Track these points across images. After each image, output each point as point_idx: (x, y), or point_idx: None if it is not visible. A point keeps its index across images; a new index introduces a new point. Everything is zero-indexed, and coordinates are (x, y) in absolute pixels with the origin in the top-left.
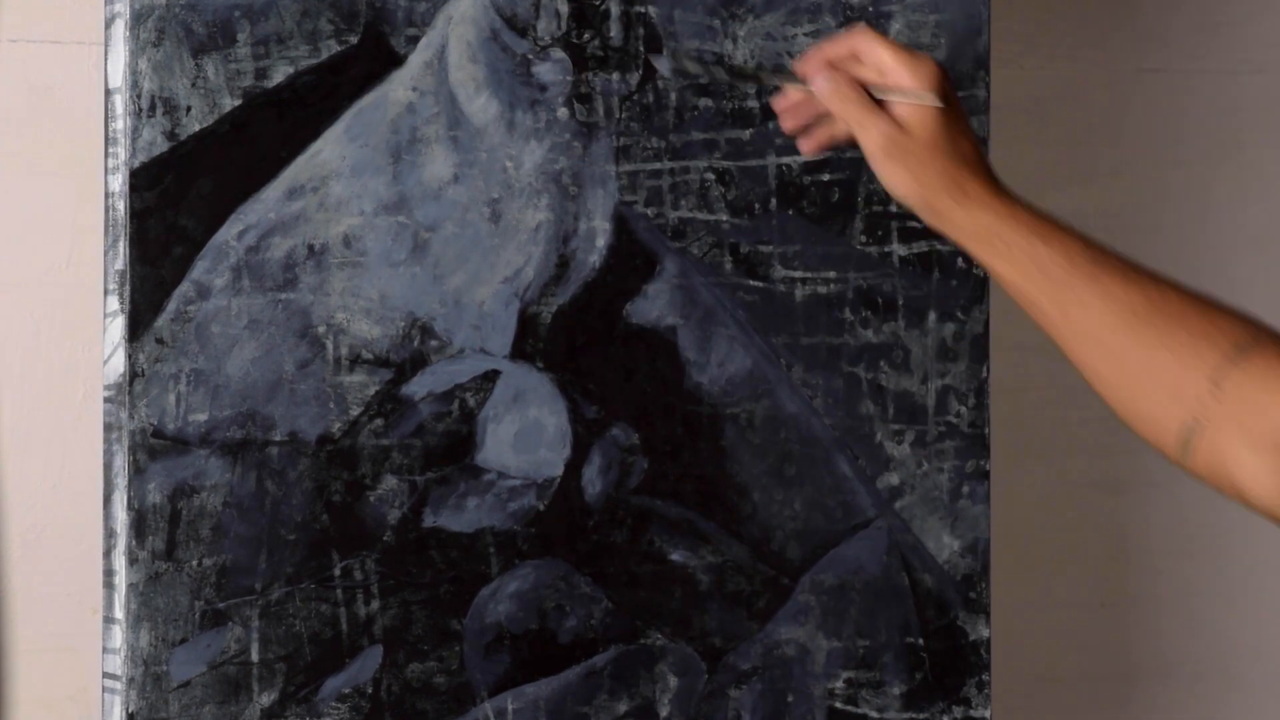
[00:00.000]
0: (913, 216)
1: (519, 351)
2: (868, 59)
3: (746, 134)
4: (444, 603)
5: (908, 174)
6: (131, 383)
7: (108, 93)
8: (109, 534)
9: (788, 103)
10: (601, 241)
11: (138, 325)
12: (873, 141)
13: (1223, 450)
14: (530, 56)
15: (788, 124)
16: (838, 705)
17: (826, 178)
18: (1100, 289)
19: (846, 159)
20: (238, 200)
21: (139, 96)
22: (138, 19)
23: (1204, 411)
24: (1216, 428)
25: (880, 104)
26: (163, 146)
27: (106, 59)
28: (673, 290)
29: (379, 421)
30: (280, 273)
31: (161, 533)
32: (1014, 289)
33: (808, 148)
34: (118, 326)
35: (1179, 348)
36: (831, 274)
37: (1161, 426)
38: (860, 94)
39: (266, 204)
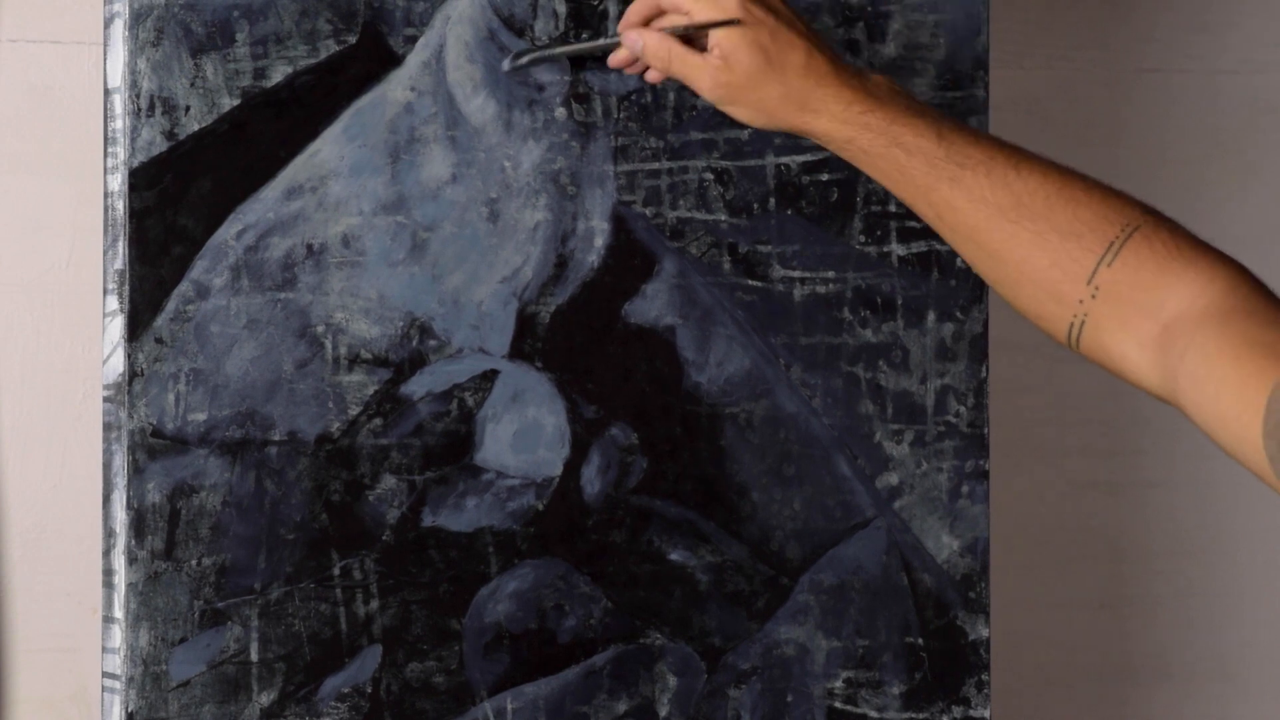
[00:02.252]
0: (912, 216)
1: (518, 351)
2: (669, 5)
3: (745, 134)
4: (443, 602)
5: (748, 108)
6: (131, 382)
7: (107, 92)
8: (108, 533)
9: (619, 60)
10: (600, 241)
11: (137, 325)
12: (704, 90)
13: (1107, 346)
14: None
15: (631, 70)
16: (837, 705)
17: (825, 177)
18: (964, 191)
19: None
20: (236, 200)
21: (138, 96)
22: (137, 19)
23: (1085, 310)
24: (1097, 325)
25: (701, 46)
26: (162, 146)
27: (105, 59)
28: (671, 290)
29: (378, 421)
30: (279, 272)
31: (161, 532)
32: (893, 192)
33: (652, 78)
34: (117, 326)
35: (1052, 250)
36: (830, 274)
37: (1048, 323)
38: (674, 47)
39: (265, 204)
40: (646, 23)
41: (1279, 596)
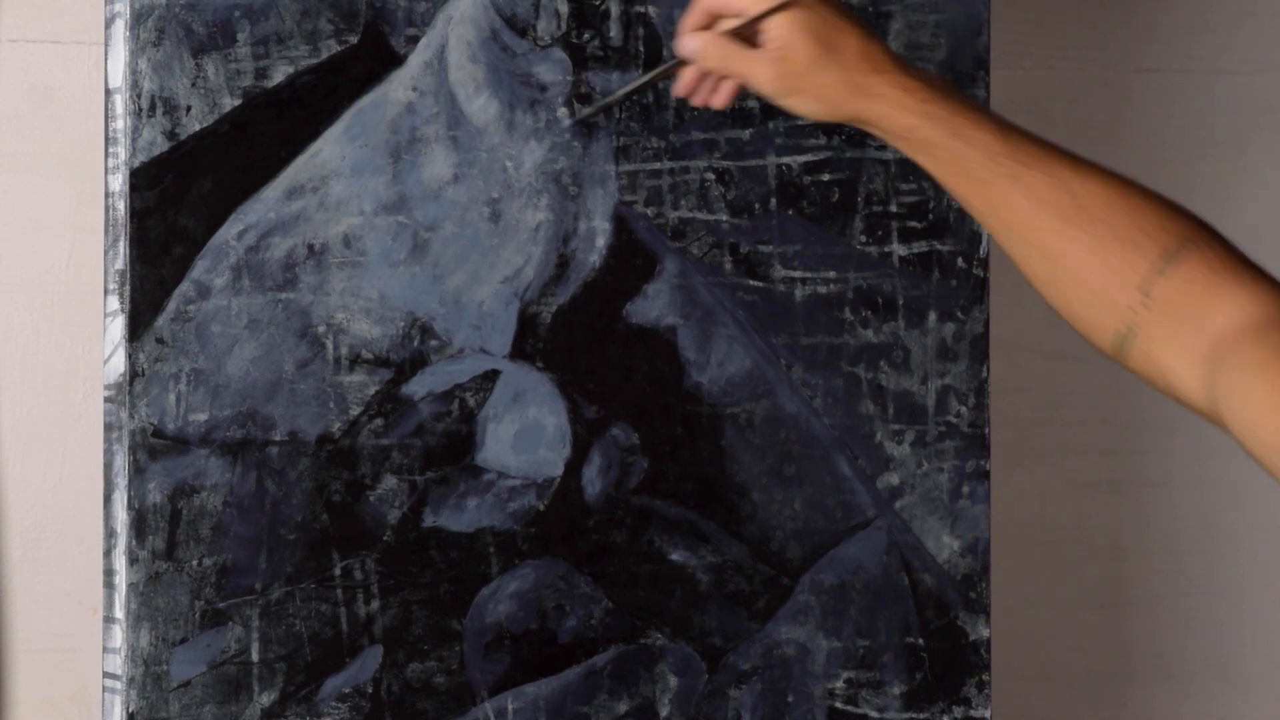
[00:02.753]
0: (913, 216)
1: (519, 351)
2: (724, 9)
3: (746, 134)
4: (444, 602)
5: (808, 97)
6: (132, 382)
7: (108, 92)
8: (109, 534)
9: (685, 84)
10: (601, 241)
11: (138, 325)
12: (763, 84)
13: (1155, 358)
14: (530, 56)
15: (697, 99)
16: (838, 705)
17: (826, 178)
18: (1024, 189)
19: (846, 159)
20: (238, 200)
21: (139, 96)
22: (138, 19)
23: (1135, 319)
24: (1148, 336)
25: (758, 44)
26: (163, 146)
27: (106, 59)
28: (672, 290)
29: (379, 421)
30: (280, 272)
31: (162, 532)
32: (945, 186)
33: (719, 101)
34: (118, 326)
35: (1108, 255)
36: (831, 274)
37: (1096, 330)
38: (730, 45)
39: (266, 204)
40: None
41: (1279, 596)
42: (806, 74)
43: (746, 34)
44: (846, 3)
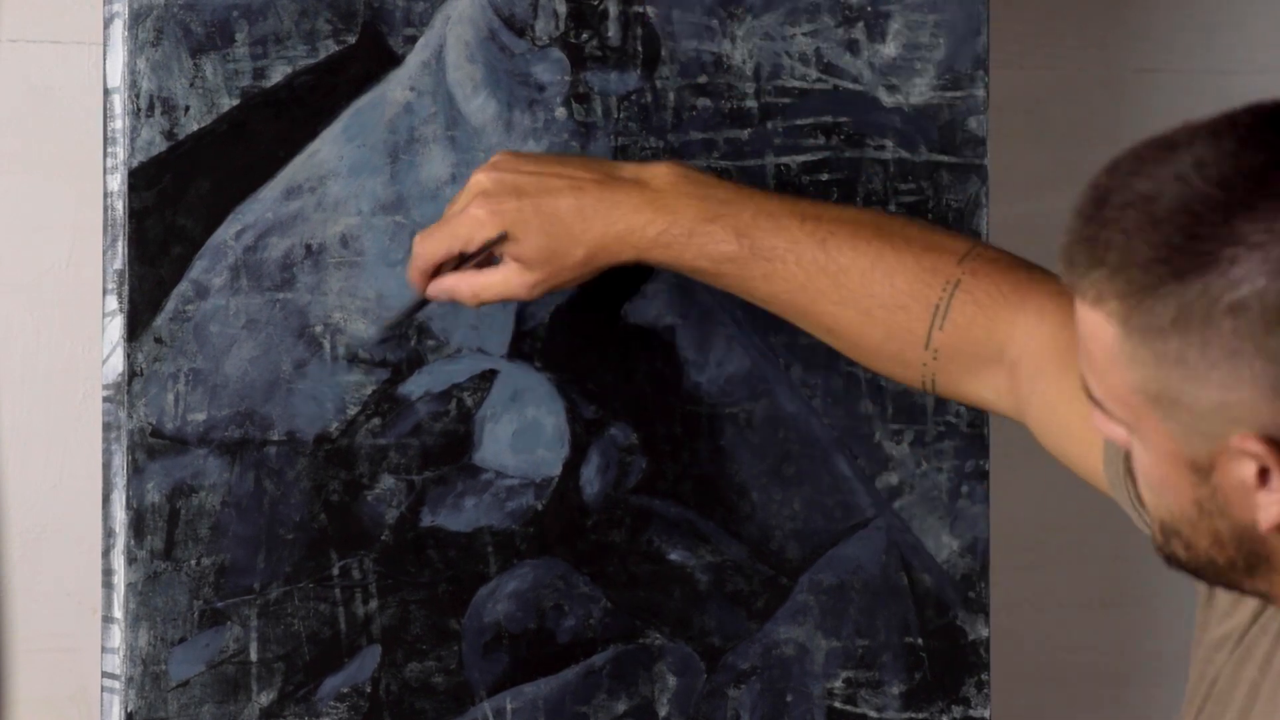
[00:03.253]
0: (912, 216)
1: (516, 351)
2: (436, 250)
3: (745, 134)
4: (442, 602)
5: (573, 275)
6: (130, 382)
7: (106, 92)
8: (108, 533)
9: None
10: None
11: (136, 325)
12: (523, 293)
13: (963, 393)
14: (528, 56)
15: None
16: (837, 705)
17: (825, 177)
18: (781, 283)
19: (845, 159)
20: (236, 200)
21: (137, 96)
22: (136, 19)
23: (930, 371)
24: (947, 378)
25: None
26: (161, 146)
27: (105, 59)
28: (671, 289)
29: (376, 421)
30: (278, 272)
31: (160, 532)
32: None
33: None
34: (116, 326)
35: (882, 325)
36: None
37: (901, 379)
38: (473, 279)
39: (264, 204)
40: (434, 274)
41: None
42: (553, 262)
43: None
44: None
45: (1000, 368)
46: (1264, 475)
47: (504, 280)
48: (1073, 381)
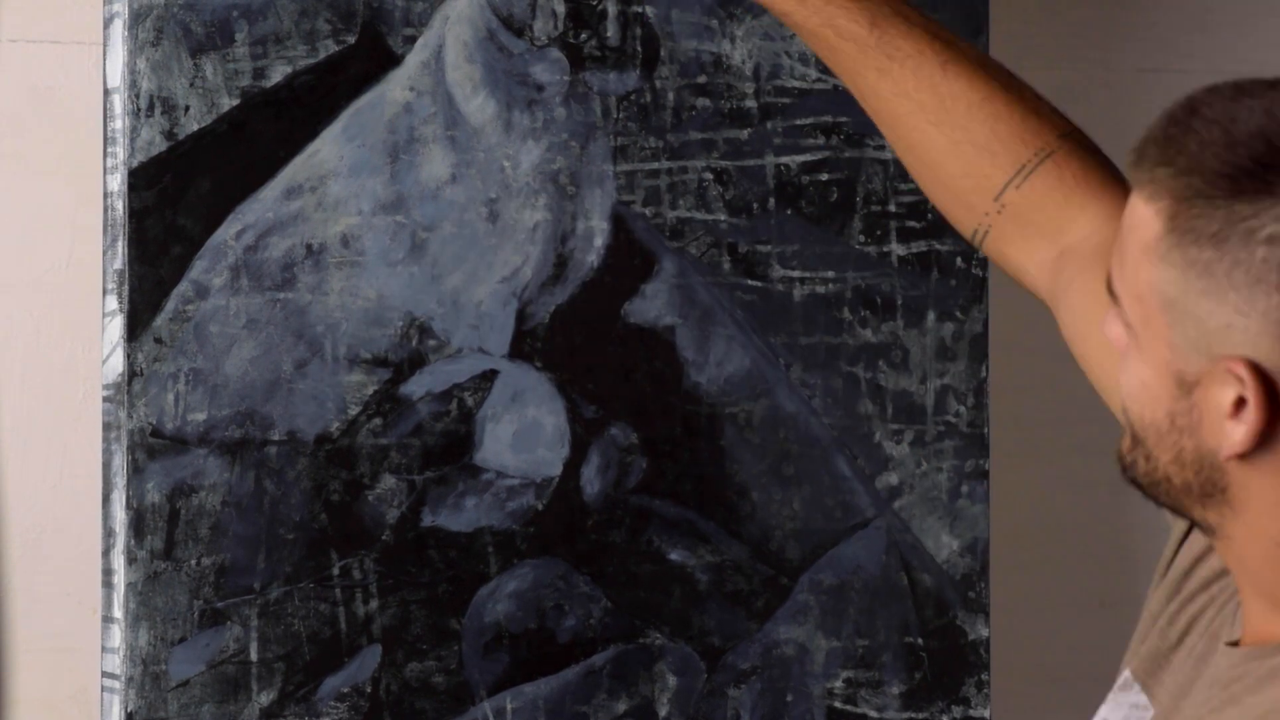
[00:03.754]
0: (911, 216)
1: (517, 351)
2: None
3: (744, 134)
4: (443, 602)
5: None
6: (130, 382)
7: (106, 92)
8: (108, 533)
9: None
10: (599, 241)
11: (136, 325)
12: None
13: (1006, 256)
14: (527, 56)
15: None
16: (837, 705)
17: (825, 177)
18: (891, 82)
19: (845, 159)
20: (236, 200)
21: (137, 96)
22: (136, 19)
23: (989, 222)
24: (1000, 236)
25: None
26: (161, 146)
27: (105, 59)
28: (671, 290)
29: (377, 421)
30: (278, 272)
31: (160, 532)
32: (826, 64)
33: None
34: (116, 326)
35: (965, 161)
36: (830, 274)
37: (955, 222)
38: None
39: (264, 204)
40: None
41: None
42: None
43: None
44: None
45: (1052, 247)
46: (1239, 405)
47: None
48: (1103, 299)
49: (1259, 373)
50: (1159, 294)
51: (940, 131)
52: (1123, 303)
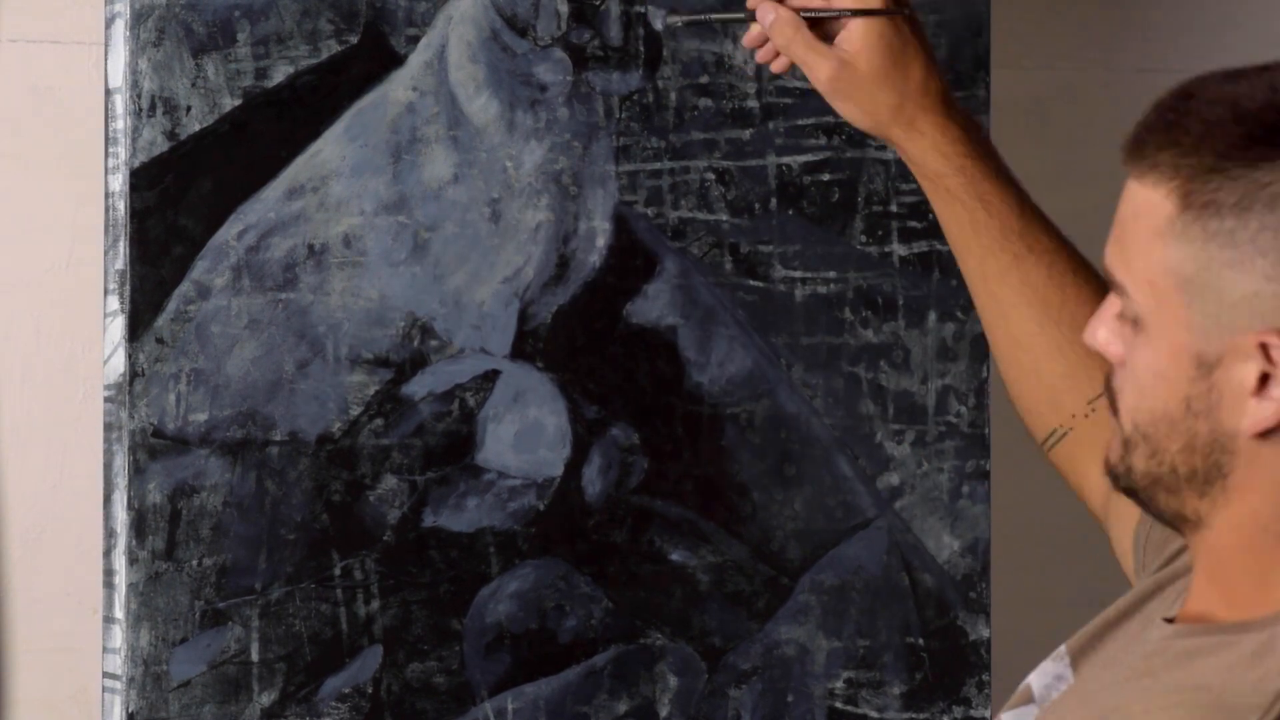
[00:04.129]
0: (913, 216)
1: (519, 351)
2: None
3: (746, 134)
4: (444, 602)
5: (856, 108)
6: (132, 382)
7: (108, 92)
8: (109, 534)
9: (751, 38)
10: (601, 241)
11: (138, 325)
12: (818, 81)
13: (1076, 460)
14: (530, 56)
15: (760, 57)
16: (838, 705)
17: (826, 178)
18: (1022, 272)
19: (846, 159)
20: (238, 200)
21: (139, 96)
22: (138, 19)
23: (1073, 424)
24: (1078, 441)
25: (830, 30)
26: (163, 146)
27: (107, 59)
28: (673, 290)
29: (379, 421)
30: (280, 272)
31: (161, 532)
32: (948, 235)
33: (776, 67)
34: (118, 326)
35: (1072, 362)
36: (831, 274)
37: (1033, 419)
38: (800, 31)
39: (266, 204)
40: None
41: None
42: (864, 87)
43: (821, 17)
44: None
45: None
46: (1264, 381)
47: (824, 57)
48: None
49: None
50: (1175, 274)
51: (1058, 329)
52: (1130, 292)
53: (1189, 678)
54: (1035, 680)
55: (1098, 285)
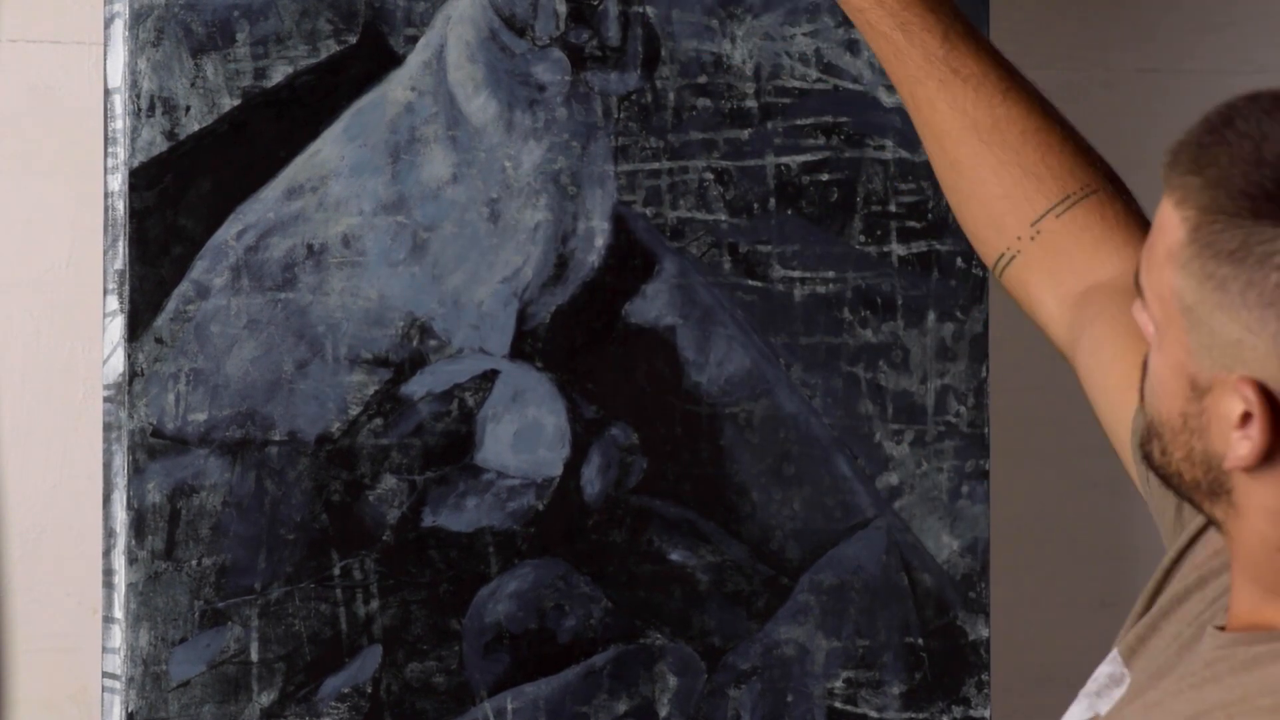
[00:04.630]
0: (912, 216)
1: (518, 351)
2: None
3: (745, 134)
4: (443, 602)
5: None
6: (131, 382)
7: (107, 92)
8: (108, 533)
9: None
10: (600, 241)
11: (137, 325)
12: None
13: (1028, 284)
14: (529, 56)
15: None
16: (837, 705)
17: (825, 177)
18: (949, 95)
19: (845, 159)
20: (237, 200)
21: (138, 96)
22: (137, 19)
23: (1020, 247)
24: (1026, 264)
25: None
26: (162, 146)
27: (106, 59)
28: (671, 290)
29: (378, 421)
30: (279, 272)
31: (161, 532)
32: (885, 68)
33: None
34: (117, 326)
35: (1010, 182)
36: (830, 274)
37: (981, 245)
38: None
39: (265, 204)
40: None
41: None
42: None
43: None
44: None
45: (1079, 282)
46: (1246, 418)
47: None
48: (1130, 336)
49: (1265, 394)
50: (1179, 299)
51: (990, 150)
52: (1148, 299)
53: (1257, 683)
54: (1091, 684)
55: (1030, 104)
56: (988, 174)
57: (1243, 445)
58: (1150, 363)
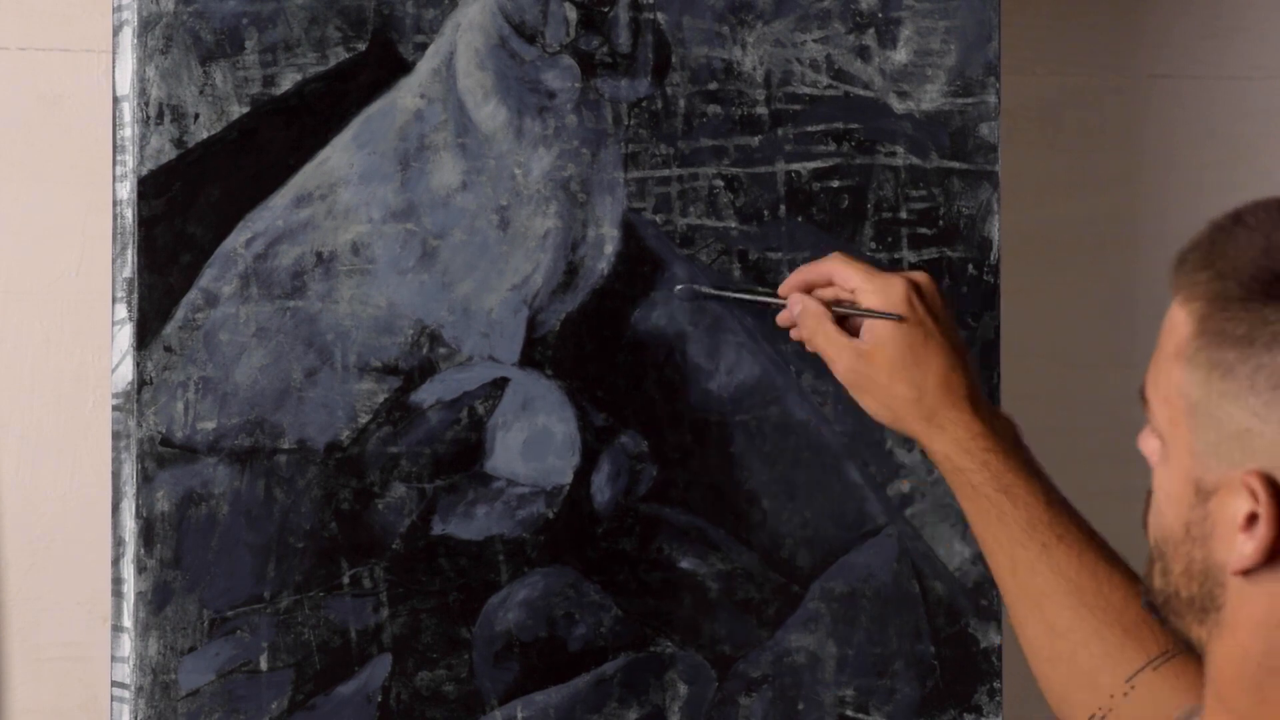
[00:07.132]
0: (922, 223)
1: (527, 359)
2: (840, 281)
3: (755, 140)
4: (453, 611)
5: (874, 401)
6: (140, 391)
7: (116, 100)
8: (118, 542)
9: (783, 319)
10: (610, 248)
11: (146, 333)
12: (839, 373)
13: None
14: (538, 63)
15: (793, 335)
16: (848, 713)
17: (836, 184)
18: (1051, 561)
19: (856, 165)
20: (246, 208)
21: (147, 104)
22: (145, 27)
23: (1112, 704)
24: (1117, 719)
25: (852, 323)
26: (171, 154)
27: (114, 67)
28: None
29: (388, 429)
30: (288, 280)
31: (170, 541)
32: (974, 528)
33: (796, 335)
34: (126, 334)
35: (1109, 644)
36: None
37: (1069, 707)
38: (824, 322)
39: (274, 211)
40: (811, 289)
41: None
42: (883, 381)
43: (846, 311)
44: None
45: None
46: (1251, 520)
47: (844, 349)
48: None
49: (1274, 488)
50: (1185, 396)
51: (1092, 613)
52: (1154, 410)
53: None
54: None
55: (1129, 573)
56: (1091, 636)
57: (1247, 545)
58: (1155, 481)
